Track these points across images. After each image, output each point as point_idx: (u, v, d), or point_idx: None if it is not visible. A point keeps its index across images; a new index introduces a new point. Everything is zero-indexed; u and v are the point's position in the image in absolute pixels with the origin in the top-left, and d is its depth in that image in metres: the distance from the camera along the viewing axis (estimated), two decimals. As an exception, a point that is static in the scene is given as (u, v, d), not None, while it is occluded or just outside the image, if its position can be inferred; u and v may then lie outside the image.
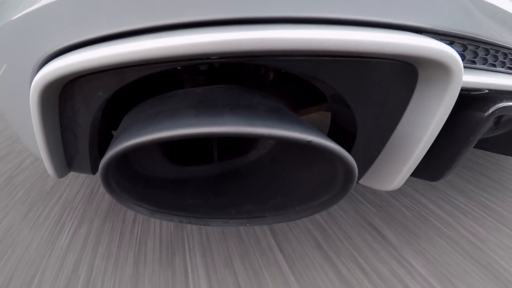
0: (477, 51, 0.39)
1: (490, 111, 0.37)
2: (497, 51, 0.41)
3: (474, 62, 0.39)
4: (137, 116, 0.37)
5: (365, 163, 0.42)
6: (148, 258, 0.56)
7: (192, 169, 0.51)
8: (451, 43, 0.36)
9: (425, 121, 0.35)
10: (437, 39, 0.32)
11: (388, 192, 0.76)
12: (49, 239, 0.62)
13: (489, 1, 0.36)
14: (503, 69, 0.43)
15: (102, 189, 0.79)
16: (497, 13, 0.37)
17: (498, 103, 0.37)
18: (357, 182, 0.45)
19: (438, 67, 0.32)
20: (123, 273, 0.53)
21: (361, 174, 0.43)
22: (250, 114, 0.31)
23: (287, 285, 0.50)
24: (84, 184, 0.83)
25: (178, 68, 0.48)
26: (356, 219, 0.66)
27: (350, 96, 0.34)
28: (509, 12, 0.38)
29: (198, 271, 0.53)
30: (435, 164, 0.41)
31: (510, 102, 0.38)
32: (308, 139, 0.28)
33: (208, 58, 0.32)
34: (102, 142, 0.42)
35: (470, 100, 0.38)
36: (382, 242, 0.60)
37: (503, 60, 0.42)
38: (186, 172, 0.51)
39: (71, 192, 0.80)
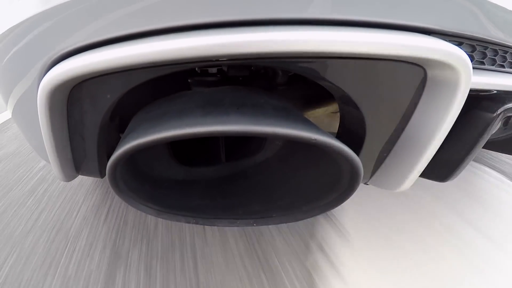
0: (485, 52, 0.39)
1: (499, 111, 0.37)
2: (506, 52, 0.41)
3: (482, 63, 0.39)
4: (145, 117, 0.37)
5: (374, 164, 0.42)
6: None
7: (200, 170, 0.51)
8: (459, 44, 0.36)
9: (434, 122, 0.35)
10: (446, 40, 0.32)
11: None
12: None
13: (497, 2, 0.36)
14: (511, 70, 0.43)
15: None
16: (505, 14, 0.37)
17: (506, 104, 0.37)
18: (366, 183, 0.45)
19: (447, 68, 0.32)
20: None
21: (370, 175, 0.43)
22: (256, 113, 0.31)
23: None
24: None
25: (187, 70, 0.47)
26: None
27: (359, 97, 0.34)
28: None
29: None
30: (444, 165, 0.41)
31: (518, 102, 0.38)
32: (313, 138, 0.28)
33: (217, 60, 0.32)
34: (110, 145, 0.42)
35: (478, 100, 0.38)
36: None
37: (511, 60, 0.42)
38: (193, 173, 0.51)
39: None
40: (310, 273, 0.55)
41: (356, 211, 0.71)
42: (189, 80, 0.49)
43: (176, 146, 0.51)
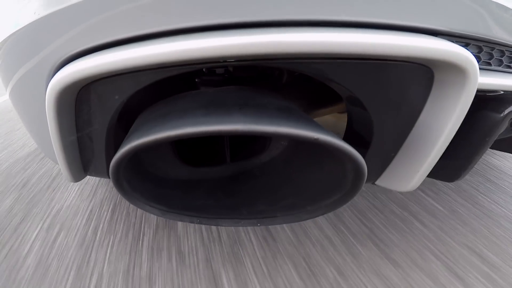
0: (492, 52, 0.39)
1: (506, 112, 0.37)
2: (512, 52, 0.41)
3: (489, 64, 0.40)
4: (148, 117, 0.37)
5: (382, 164, 0.42)
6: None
7: (204, 170, 0.51)
8: (466, 45, 0.36)
9: (441, 122, 0.35)
10: (453, 41, 0.32)
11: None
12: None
13: (504, 3, 0.36)
14: (518, 70, 0.43)
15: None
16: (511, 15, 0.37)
17: (513, 104, 0.37)
18: (373, 183, 0.45)
19: (454, 69, 0.32)
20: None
21: (377, 175, 0.44)
22: (259, 112, 0.31)
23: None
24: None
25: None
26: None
27: (367, 98, 0.34)
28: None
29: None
30: (452, 165, 0.41)
31: (526, 103, 0.38)
32: (315, 137, 0.28)
33: (225, 61, 0.32)
34: (118, 146, 0.42)
35: (486, 101, 0.38)
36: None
37: (518, 61, 0.42)
38: (198, 173, 0.51)
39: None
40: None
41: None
42: (196, 80, 0.50)
43: (181, 146, 0.51)
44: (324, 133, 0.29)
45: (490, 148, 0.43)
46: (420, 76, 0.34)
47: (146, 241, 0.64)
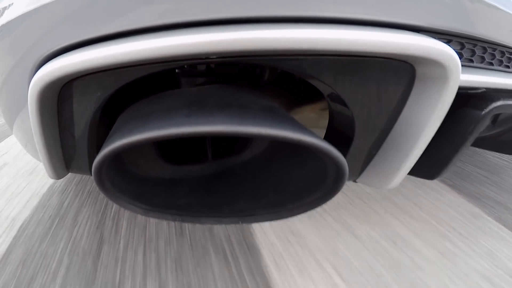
0: (474, 49, 0.39)
1: (487, 109, 0.36)
2: (494, 50, 0.41)
3: (471, 61, 0.39)
4: (131, 116, 0.37)
5: (363, 162, 0.42)
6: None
7: (186, 168, 0.51)
8: (448, 42, 0.36)
9: (423, 119, 0.35)
10: (435, 38, 0.32)
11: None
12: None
13: (486, 0, 0.36)
14: (500, 68, 0.43)
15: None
16: (494, 12, 0.37)
17: (495, 102, 0.37)
18: (354, 181, 0.45)
19: (435, 66, 0.32)
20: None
21: (359, 173, 0.43)
22: (242, 113, 0.31)
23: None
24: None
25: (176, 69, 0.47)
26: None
27: (348, 95, 0.34)
28: (506, 11, 0.38)
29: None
30: (432, 162, 0.41)
31: (507, 100, 0.38)
32: (298, 138, 0.28)
33: (207, 58, 0.32)
34: (100, 143, 0.42)
35: (467, 98, 0.38)
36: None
37: (500, 58, 0.42)
38: (180, 171, 0.50)
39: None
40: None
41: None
42: (176, 71, 0.49)
43: (163, 144, 0.51)
44: (307, 134, 0.29)
45: (471, 145, 0.43)
46: (401, 73, 0.34)
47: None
